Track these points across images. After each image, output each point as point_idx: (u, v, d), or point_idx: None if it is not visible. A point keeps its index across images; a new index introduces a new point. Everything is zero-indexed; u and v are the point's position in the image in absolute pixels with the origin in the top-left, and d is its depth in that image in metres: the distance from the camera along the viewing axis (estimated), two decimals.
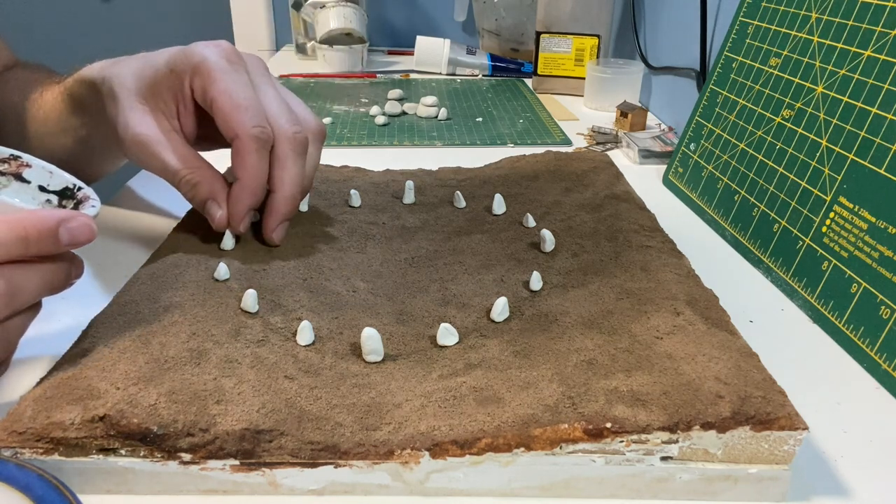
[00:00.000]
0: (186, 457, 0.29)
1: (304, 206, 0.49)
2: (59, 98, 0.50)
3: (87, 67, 0.46)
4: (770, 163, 0.51)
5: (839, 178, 0.43)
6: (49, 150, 0.51)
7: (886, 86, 0.41)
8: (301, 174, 0.43)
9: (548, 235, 0.44)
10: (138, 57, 0.44)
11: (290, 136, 0.42)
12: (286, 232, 0.44)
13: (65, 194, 0.37)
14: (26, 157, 0.36)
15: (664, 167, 0.69)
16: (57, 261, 0.32)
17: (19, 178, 0.36)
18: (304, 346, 0.34)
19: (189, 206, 0.48)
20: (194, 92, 0.42)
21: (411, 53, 1.19)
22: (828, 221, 0.44)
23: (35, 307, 0.32)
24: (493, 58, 1.15)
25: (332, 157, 0.64)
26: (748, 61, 0.56)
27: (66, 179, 0.36)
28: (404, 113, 0.90)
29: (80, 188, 0.36)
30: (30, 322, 0.32)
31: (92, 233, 0.32)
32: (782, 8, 0.53)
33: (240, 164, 0.41)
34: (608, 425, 0.28)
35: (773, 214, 0.49)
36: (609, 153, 0.75)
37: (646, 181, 0.65)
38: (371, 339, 0.33)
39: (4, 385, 0.35)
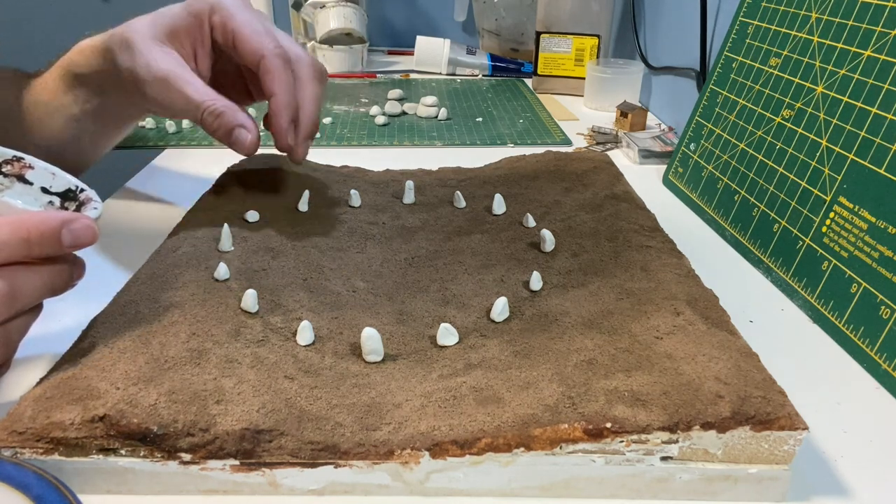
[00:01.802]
0: (186, 457, 0.29)
1: (304, 206, 0.49)
2: (51, 78, 0.50)
3: (84, 40, 0.48)
4: (770, 163, 0.51)
5: (839, 178, 0.43)
6: (36, 137, 0.51)
7: (886, 86, 0.41)
8: (319, 96, 0.47)
9: (548, 235, 0.44)
10: (147, 14, 0.46)
11: (308, 61, 0.46)
12: (308, 147, 0.47)
13: (67, 196, 0.37)
14: (29, 159, 0.36)
15: (664, 167, 0.69)
16: (59, 262, 0.32)
17: (22, 179, 0.36)
18: (304, 346, 0.34)
19: (189, 207, 0.48)
20: (213, 29, 0.45)
21: (411, 53, 1.19)
22: (828, 221, 0.44)
23: (36, 309, 0.33)
24: (493, 58, 1.15)
25: (332, 157, 0.64)
26: (748, 61, 0.56)
27: (68, 181, 0.36)
28: (404, 113, 0.90)
29: (82, 190, 0.36)
30: (31, 323, 0.32)
31: (94, 235, 0.32)
32: (782, 8, 0.53)
33: (272, 80, 0.43)
34: (608, 425, 0.28)
35: (773, 214, 0.49)
36: (609, 153, 0.75)
37: (646, 181, 0.65)
38: (371, 339, 0.33)
39: (4, 385, 0.35)
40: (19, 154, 0.36)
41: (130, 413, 0.28)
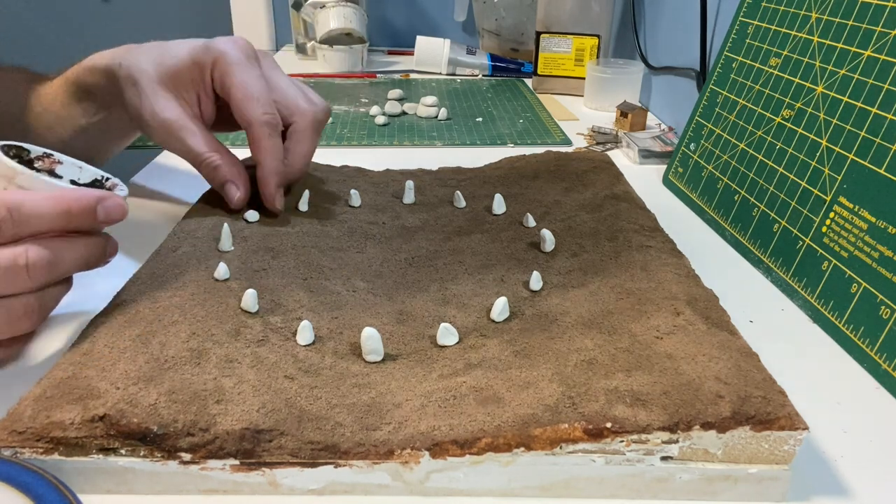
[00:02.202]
0: (186, 456, 0.29)
1: (304, 206, 0.49)
2: (59, 89, 0.52)
3: (93, 56, 0.49)
4: (770, 163, 0.51)
5: (839, 178, 0.43)
6: (42, 143, 0.52)
7: (886, 86, 0.41)
8: (312, 150, 0.49)
9: (548, 235, 0.44)
10: (153, 45, 0.47)
11: (309, 116, 0.48)
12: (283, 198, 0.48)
13: (94, 185, 0.39)
14: (57, 155, 0.39)
15: (664, 167, 0.69)
16: (92, 237, 0.36)
17: (53, 174, 0.38)
18: (304, 346, 0.34)
19: (189, 207, 0.49)
20: (214, 82, 0.46)
21: (411, 53, 1.19)
22: (828, 221, 0.44)
23: (68, 281, 0.36)
24: (493, 58, 1.15)
25: (332, 157, 0.64)
26: (748, 61, 0.56)
27: (94, 172, 0.39)
28: (404, 113, 0.90)
29: (107, 178, 0.39)
30: (63, 295, 0.36)
31: (124, 211, 0.36)
32: (782, 8, 0.53)
33: (257, 149, 0.45)
34: (608, 425, 0.28)
35: (773, 214, 0.49)
36: (609, 153, 0.75)
37: (646, 181, 0.65)
38: (371, 339, 0.33)
39: (4, 385, 0.35)
40: (49, 151, 0.38)
41: (130, 413, 0.28)
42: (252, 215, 0.46)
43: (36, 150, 0.38)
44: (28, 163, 0.38)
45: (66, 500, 0.26)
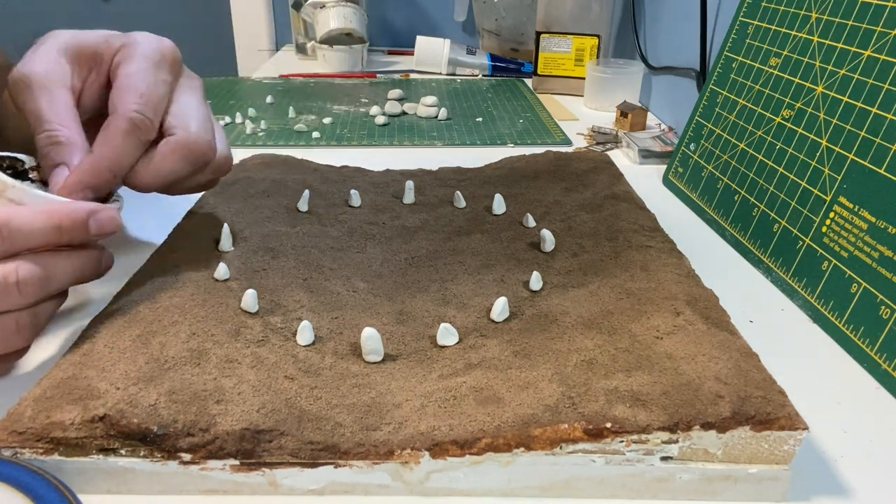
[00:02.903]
0: (186, 457, 0.29)
1: (303, 206, 0.49)
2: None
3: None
4: (770, 163, 0.51)
5: (839, 178, 0.43)
6: (14, 146, 0.49)
7: (886, 86, 0.41)
8: (165, 174, 0.38)
9: (548, 235, 0.44)
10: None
11: (191, 139, 0.38)
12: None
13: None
14: None
15: (664, 167, 0.69)
16: (86, 251, 0.35)
17: (46, 184, 0.37)
18: (304, 347, 0.34)
19: (189, 208, 0.48)
20: (111, 69, 0.39)
21: (411, 53, 1.19)
22: (828, 221, 0.44)
23: (62, 295, 0.35)
24: (493, 58, 1.15)
25: (332, 157, 0.64)
26: (748, 61, 0.56)
27: None
28: (404, 113, 0.90)
29: None
30: (57, 308, 0.35)
31: (117, 225, 0.35)
32: (782, 8, 0.53)
33: (101, 139, 0.36)
34: (608, 425, 0.28)
35: (773, 214, 0.49)
36: (609, 153, 0.75)
37: (646, 181, 0.65)
38: (371, 339, 0.33)
39: (4, 385, 0.35)
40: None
41: (130, 413, 0.28)
42: (253, 216, 0.46)
43: (30, 160, 0.37)
44: (22, 174, 0.37)
45: (66, 501, 0.26)
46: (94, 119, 0.40)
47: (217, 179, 0.44)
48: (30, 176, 0.37)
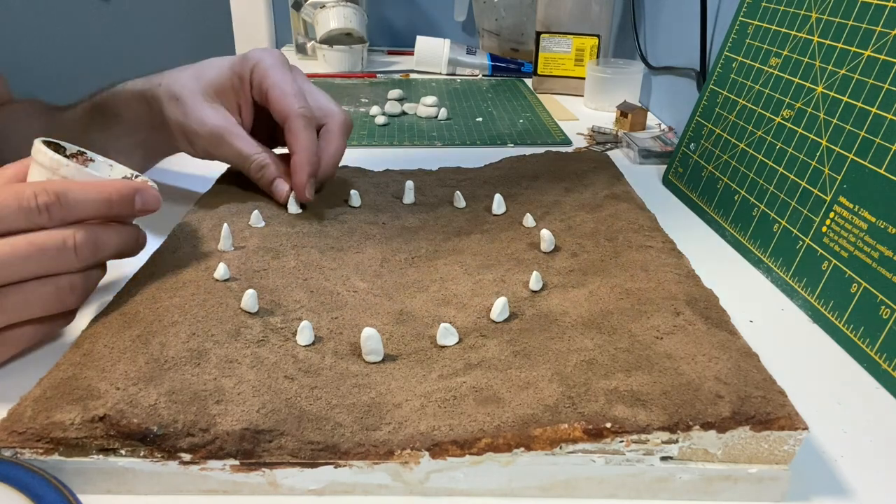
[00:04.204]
0: (186, 457, 0.29)
1: (297, 209, 0.49)
2: (83, 116, 0.54)
3: (124, 83, 0.52)
4: (770, 163, 0.51)
5: (839, 178, 0.43)
6: None
7: (886, 86, 0.41)
8: (342, 150, 0.51)
9: (547, 235, 0.44)
10: (186, 67, 0.51)
11: (339, 118, 0.52)
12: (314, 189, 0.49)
13: None
14: (90, 154, 0.41)
15: (664, 167, 0.69)
16: (129, 227, 0.39)
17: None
18: (304, 347, 0.34)
19: (189, 208, 0.49)
20: (252, 89, 0.50)
21: (411, 53, 1.19)
22: (828, 221, 0.44)
23: (104, 267, 0.39)
24: (493, 58, 1.15)
25: None
26: (748, 61, 0.56)
27: (123, 170, 0.41)
28: (404, 113, 0.90)
29: (137, 175, 0.41)
30: (101, 278, 0.39)
31: (158, 202, 0.39)
32: (782, 8, 0.53)
33: (294, 140, 0.48)
34: (608, 425, 0.28)
35: (773, 214, 0.49)
36: (609, 153, 0.75)
37: (646, 181, 0.65)
38: (371, 339, 0.33)
39: (4, 385, 0.35)
40: (82, 149, 0.41)
41: (130, 413, 0.28)
42: (254, 216, 0.46)
43: (70, 147, 0.40)
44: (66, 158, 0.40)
45: (66, 501, 0.26)
46: (256, 130, 0.52)
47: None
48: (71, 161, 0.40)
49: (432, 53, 1.16)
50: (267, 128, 0.53)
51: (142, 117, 0.52)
